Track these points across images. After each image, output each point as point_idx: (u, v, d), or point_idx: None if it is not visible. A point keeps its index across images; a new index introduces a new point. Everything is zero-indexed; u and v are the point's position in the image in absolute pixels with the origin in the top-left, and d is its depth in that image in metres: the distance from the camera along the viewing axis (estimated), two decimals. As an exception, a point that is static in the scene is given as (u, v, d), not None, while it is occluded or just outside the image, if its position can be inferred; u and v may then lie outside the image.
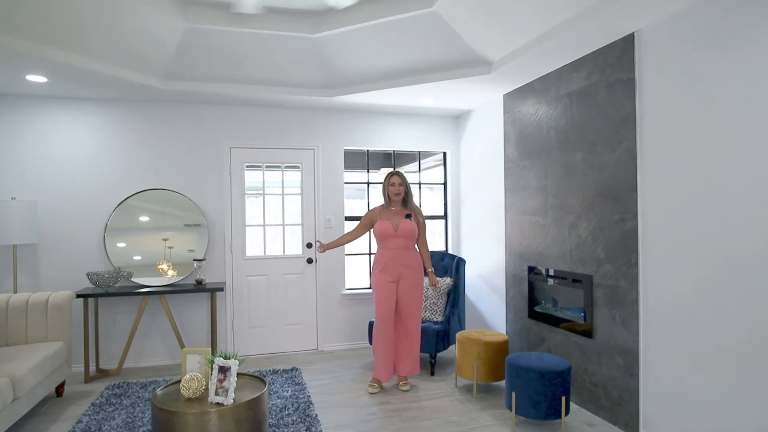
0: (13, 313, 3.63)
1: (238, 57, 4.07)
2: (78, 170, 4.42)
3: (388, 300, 3.81)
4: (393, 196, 3.89)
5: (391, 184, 3.90)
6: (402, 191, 3.90)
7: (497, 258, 4.65)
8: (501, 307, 4.59)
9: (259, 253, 4.93)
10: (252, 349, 4.87)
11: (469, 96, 4.59)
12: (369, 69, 4.24)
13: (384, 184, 3.95)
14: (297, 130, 5.01)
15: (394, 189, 3.89)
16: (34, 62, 3.51)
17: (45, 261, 4.34)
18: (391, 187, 3.90)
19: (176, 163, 4.67)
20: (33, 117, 4.33)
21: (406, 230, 3.84)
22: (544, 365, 3.10)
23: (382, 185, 3.98)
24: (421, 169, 5.56)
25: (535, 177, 4.03)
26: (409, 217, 3.88)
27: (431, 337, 4.20)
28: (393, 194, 3.89)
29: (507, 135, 4.43)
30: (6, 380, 2.86)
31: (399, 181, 3.90)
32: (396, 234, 3.83)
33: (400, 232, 3.83)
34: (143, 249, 4.51)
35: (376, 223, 3.90)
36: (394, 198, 3.90)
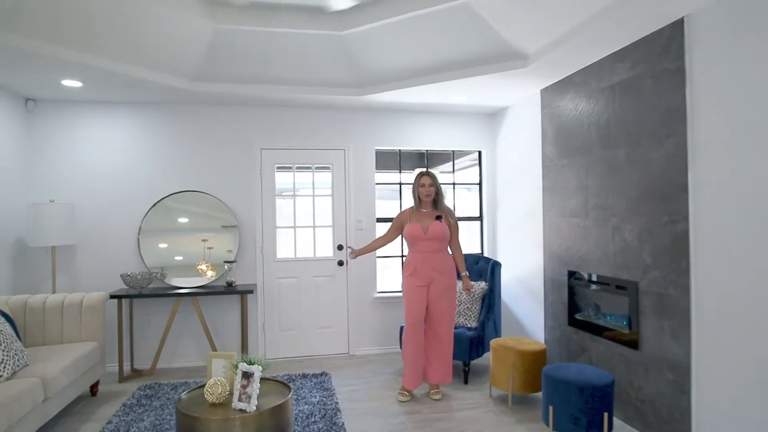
0: (50, 313, 3.70)
1: (266, 57, 4.03)
2: (112, 173, 4.50)
3: (418, 305, 3.67)
4: (423, 197, 3.75)
5: (421, 185, 3.76)
6: (432, 192, 3.75)
7: (535, 261, 4.42)
8: (539, 313, 4.36)
9: (289, 255, 4.89)
10: (283, 352, 4.83)
11: (504, 92, 4.39)
12: (398, 66, 4.11)
13: (414, 185, 3.82)
14: (327, 130, 4.94)
15: (424, 190, 3.75)
16: (69, 67, 3.58)
17: (82, 262, 4.43)
18: (421, 188, 3.76)
19: (208, 164, 4.68)
20: (69, 121, 4.43)
21: (436, 232, 3.69)
22: (584, 378, 2.88)
23: (412, 186, 3.85)
24: (455, 169, 5.38)
25: (574, 176, 3.79)
26: (439, 218, 3.73)
27: (464, 344, 4.02)
28: (423, 195, 3.75)
29: (545, 132, 4.21)
30: (37, 380, 2.90)
31: (429, 181, 3.75)
32: (426, 236, 3.69)
33: (430, 234, 3.69)
34: (183, 250, 4.55)
35: (406, 226, 3.77)
36: (425, 199, 3.76)
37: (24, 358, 3.08)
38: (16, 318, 3.63)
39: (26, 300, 3.70)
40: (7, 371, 2.88)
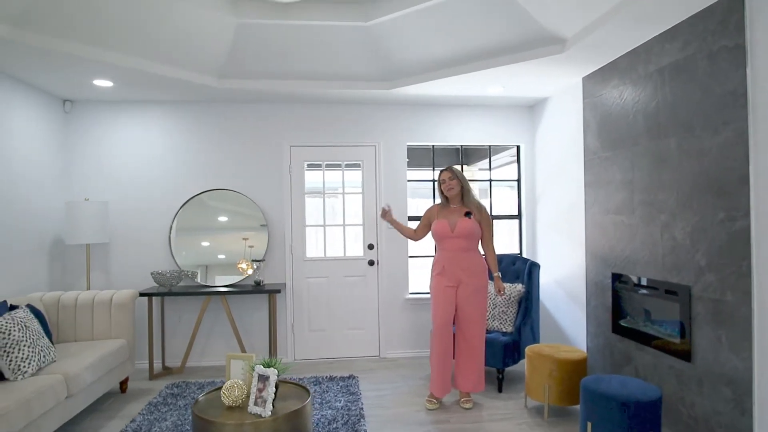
0: (81, 310, 3.76)
1: (291, 51, 3.94)
2: (144, 172, 4.55)
3: (445, 307, 3.47)
4: (447, 192, 3.58)
5: (441, 181, 3.61)
6: (455, 186, 3.56)
7: (577, 263, 4.11)
8: (581, 318, 4.05)
9: (319, 254, 4.79)
10: (312, 353, 4.74)
11: (542, 82, 4.11)
12: (427, 56, 3.92)
13: (437, 182, 3.69)
14: (357, 126, 4.81)
15: (445, 186, 3.59)
16: (99, 67, 3.61)
17: (116, 260, 4.50)
18: (441, 185, 3.61)
19: (237, 163, 4.65)
20: (104, 121, 4.51)
21: (464, 230, 3.48)
22: (627, 393, 2.60)
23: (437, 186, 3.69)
24: (495, 166, 5.12)
25: (619, 170, 3.48)
26: (468, 215, 3.51)
27: (498, 350, 3.78)
28: (446, 190, 3.58)
29: (587, 123, 3.90)
30: (60, 377, 2.91)
31: (449, 175, 3.58)
32: (453, 234, 3.48)
33: (458, 232, 3.47)
34: (217, 248, 4.54)
35: (433, 223, 3.59)
36: (449, 194, 3.58)
37: (50, 355, 3.12)
38: (50, 314, 3.71)
39: (59, 297, 3.77)
40: (32, 367, 2.91)
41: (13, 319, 2.95)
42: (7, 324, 2.89)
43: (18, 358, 2.85)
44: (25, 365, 2.87)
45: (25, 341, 2.93)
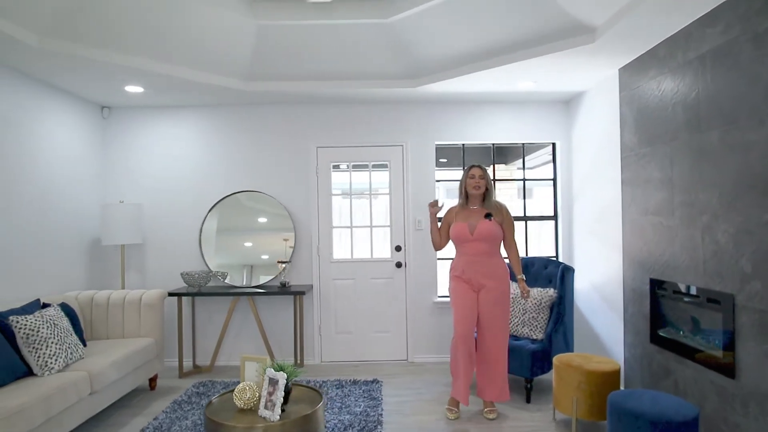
0: (113, 309, 3.88)
1: (313, 52, 3.91)
2: (176, 174, 4.66)
3: (468, 313, 3.31)
4: (472, 190, 3.40)
5: (471, 176, 3.42)
6: (483, 185, 3.40)
7: (613, 267, 3.85)
8: (618, 326, 3.78)
9: (346, 255, 4.75)
10: (339, 356, 4.70)
11: (576, 75, 3.87)
12: (450, 52, 3.78)
13: (462, 178, 3.50)
14: (384, 126, 4.72)
15: (473, 182, 3.40)
16: (129, 73, 3.72)
17: (150, 260, 4.64)
18: (470, 180, 3.42)
19: (264, 164, 4.69)
20: (138, 126, 4.66)
21: (484, 233, 3.32)
22: (658, 411, 2.37)
23: (460, 180, 3.52)
24: (531, 164, 4.90)
25: (657, 167, 3.21)
26: (489, 216, 3.35)
27: (526, 358, 3.59)
28: (472, 187, 3.40)
29: (623, 118, 3.64)
30: (84, 374, 3.01)
31: (480, 172, 3.41)
32: (473, 237, 3.33)
33: (478, 234, 3.32)
34: (243, 249, 4.60)
35: (452, 225, 3.44)
36: (473, 192, 3.40)
37: (78, 352, 3.22)
38: (84, 312, 3.85)
39: (93, 296, 3.91)
40: (59, 364, 3.02)
41: (42, 317, 3.07)
42: (37, 322, 3.01)
43: (45, 355, 2.97)
44: (52, 362, 2.98)
45: (53, 338, 3.05)
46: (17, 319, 2.94)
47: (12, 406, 2.46)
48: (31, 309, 3.16)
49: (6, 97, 3.49)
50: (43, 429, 2.64)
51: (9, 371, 2.79)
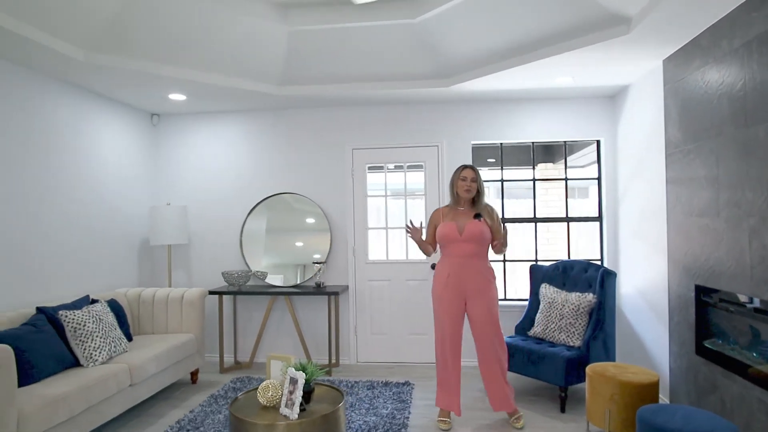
0: (157, 306, 4.11)
1: (343, 55, 3.95)
2: (218, 178, 4.87)
3: (451, 319, 3.20)
4: (463, 193, 3.26)
5: (462, 179, 3.27)
6: (474, 188, 3.26)
7: (658, 271, 3.61)
8: (664, 335, 3.54)
9: (381, 257, 4.76)
10: (374, 356, 4.71)
11: (616, 68, 3.66)
12: (481, 49, 3.69)
13: (453, 178, 3.35)
14: (418, 126, 4.69)
15: (464, 184, 3.25)
16: (171, 82, 3.92)
17: (195, 259, 4.87)
18: (461, 182, 3.27)
19: (301, 167, 4.79)
20: (182, 132, 4.91)
21: (473, 233, 3.17)
22: (690, 429, 2.20)
23: (450, 180, 3.38)
24: (575, 163, 4.70)
25: (702, 164, 2.97)
26: (478, 217, 3.21)
27: (560, 366, 3.44)
28: (463, 190, 3.25)
29: (668, 112, 3.40)
30: (125, 367, 3.20)
31: (472, 174, 3.27)
32: (461, 238, 3.18)
33: (467, 235, 3.17)
34: (284, 249, 4.74)
35: (440, 225, 3.29)
36: (464, 195, 3.26)
37: (122, 345, 3.44)
38: (132, 308, 4.10)
39: (140, 293, 4.16)
40: (103, 356, 3.23)
41: (89, 312, 3.30)
42: (83, 317, 3.24)
43: (90, 347, 3.19)
44: (96, 354, 3.20)
45: (98, 332, 3.27)
46: (66, 314, 3.17)
47: (56, 394, 2.66)
48: (80, 304, 3.41)
49: (61, 108, 3.79)
50: (84, 416, 2.84)
51: (58, 361, 3.03)
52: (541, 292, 4.02)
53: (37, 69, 3.52)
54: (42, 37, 3.05)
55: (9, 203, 3.33)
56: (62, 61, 3.38)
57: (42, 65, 3.45)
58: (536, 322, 3.96)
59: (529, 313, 4.13)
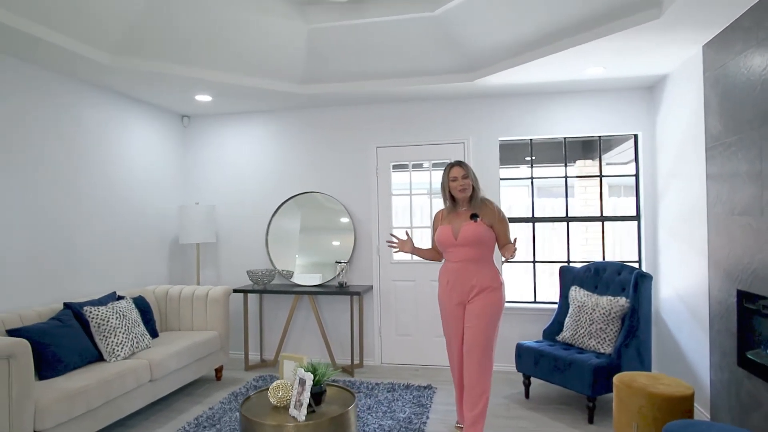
0: (183, 303, 4.19)
1: (363, 51, 3.89)
2: (244, 177, 4.92)
3: (454, 326, 3.03)
4: (458, 194, 2.95)
5: (452, 179, 2.94)
6: (468, 185, 2.93)
7: (698, 275, 3.34)
8: (704, 344, 3.27)
9: (406, 257, 4.66)
10: (398, 358, 4.63)
11: (651, 56, 3.42)
12: (504, 40, 3.54)
13: (443, 181, 3.02)
14: (444, 123, 4.57)
15: (457, 184, 2.93)
16: (196, 83, 3.99)
17: (223, 258, 4.95)
18: (452, 183, 2.94)
19: (326, 165, 4.77)
20: (211, 132, 4.99)
21: (469, 236, 2.86)
22: (721, 449, 1.99)
23: (441, 184, 3.05)
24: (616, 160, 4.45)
25: (744, 158, 2.72)
26: (475, 218, 2.88)
27: (587, 374, 3.24)
28: (458, 191, 2.94)
29: (708, 102, 3.13)
30: (145, 362, 3.27)
31: (462, 172, 2.93)
32: (457, 242, 2.90)
33: (462, 239, 2.88)
34: (315, 249, 4.75)
35: (438, 229, 3.04)
36: (460, 195, 2.95)
37: (145, 341, 3.52)
38: (160, 305, 4.21)
39: (167, 290, 4.25)
40: (125, 351, 3.32)
41: (113, 309, 3.40)
42: (107, 313, 3.33)
43: (113, 343, 3.28)
44: (119, 349, 3.28)
45: (121, 328, 3.36)
46: (90, 310, 3.27)
47: (74, 388, 2.74)
48: (106, 300, 3.51)
49: (92, 111, 3.92)
50: (103, 410, 2.91)
51: (82, 356, 3.12)
52: (571, 295, 3.81)
53: (68, 73, 3.66)
54: (69, 42, 3.16)
55: (45, 203, 3.47)
56: (90, 66, 3.49)
57: (72, 70, 3.58)
58: (565, 327, 3.76)
59: (558, 316, 3.94)
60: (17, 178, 3.30)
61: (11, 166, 3.26)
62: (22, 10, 2.82)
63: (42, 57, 3.31)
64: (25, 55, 3.27)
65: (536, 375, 3.59)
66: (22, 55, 3.25)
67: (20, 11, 2.82)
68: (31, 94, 3.42)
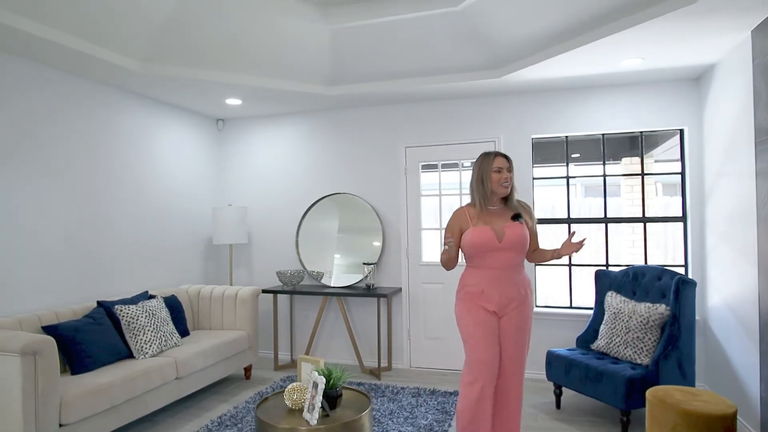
0: (214, 303, 4.29)
1: (387, 50, 3.83)
2: (275, 179, 4.98)
3: (491, 343, 2.53)
4: (499, 188, 2.55)
5: (496, 170, 2.54)
6: (511, 181, 2.59)
7: (747, 281, 3.06)
8: (754, 357, 2.99)
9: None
10: (428, 362, 4.54)
11: (695, 44, 3.16)
12: (531, 33, 3.38)
13: (480, 171, 2.59)
14: (473, 121, 4.43)
15: (501, 177, 2.54)
16: (225, 87, 4.07)
17: (256, 258, 5.03)
18: (495, 174, 2.54)
19: (355, 166, 4.75)
20: (243, 135, 5.09)
21: (516, 239, 2.54)
22: (757, 477, 1.79)
23: (476, 173, 2.61)
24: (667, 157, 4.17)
25: (796, 153, 2.45)
26: (517, 218, 2.59)
27: (619, 386, 3.03)
28: (500, 185, 2.54)
29: (757, 92, 2.86)
30: (171, 361, 3.36)
31: (507, 164, 2.57)
32: (501, 245, 2.53)
33: (508, 242, 2.53)
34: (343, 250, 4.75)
35: (468, 230, 2.57)
36: (501, 191, 2.56)
37: (173, 340, 3.61)
38: (192, 304, 4.32)
39: (200, 290, 4.36)
40: (153, 349, 3.42)
41: (142, 307, 3.51)
42: (137, 311, 3.45)
43: (142, 341, 3.38)
44: (147, 347, 3.39)
45: (150, 326, 3.46)
46: (121, 308, 3.40)
47: (100, 383, 2.84)
48: (137, 299, 3.64)
49: (130, 116, 4.08)
50: (127, 406, 3.00)
51: (113, 352, 3.24)
52: (607, 301, 3.59)
53: (103, 82, 3.82)
54: (98, 51, 3.29)
55: (85, 206, 3.64)
56: (120, 73, 3.63)
57: (106, 78, 3.73)
58: (600, 335, 3.55)
59: (593, 323, 3.72)
60: (59, 181, 3.47)
61: (53, 170, 3.44)
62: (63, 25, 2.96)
63: (76, 67, 3.46)
64: (60, 65, 3.43)
65: (567, 385, 3.40)
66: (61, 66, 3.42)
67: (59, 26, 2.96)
68: (71, 104, 3.59)
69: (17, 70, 3.24)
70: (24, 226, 3.25)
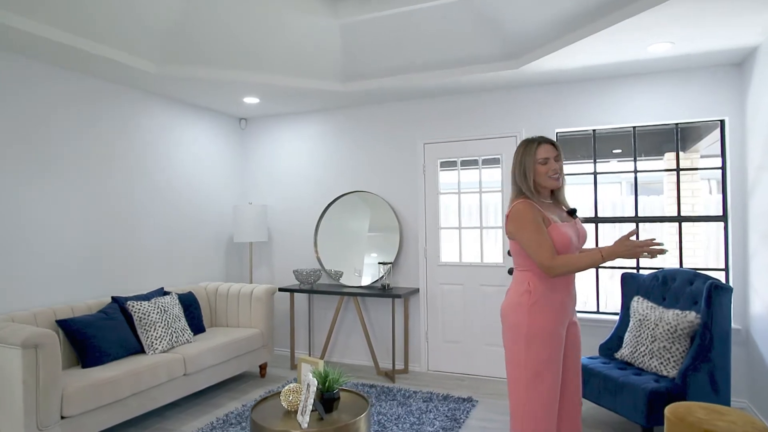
0: (231, 300, 4.32)
1: (400, 43, 3.72)
2: (294, 177, 4.97)
3: (558, 372, 2.13)
4: (548, 181, 2.15)
5: (541, 161, 2.14)
6: (560, 170, 2.19)
7: (790, 289, 2.73)
8: (797, 373, 2.67)
9: (454, 259, 4.40)
10: (445, 365, 4.39)
11: (733, 24, 2.86)
12: (547, 18, 3.17)
13: (524, 163, 2.16)
14: (493, 115, 4.24)
15: (548, 168, 2.14)
16: (242, 86, 4.09)
17: (275, 256, 5.04)
18: (541, 166, 2.14)
19: (372, 164, 4.66)
20: (264, 134, 5.11)
21: (585, 238, 2.29)
22: None
23: (519, 162, 2.19)
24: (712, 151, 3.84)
25: (840, 143, 2.14)
26: (574, 214, 2.28)
27: (640, 400, 2.78)
28: (549, 177, 2.15)
29: (800, 75, 2.54)
30: (179, 357, 3.39)
31: (555, 153, 2.16)
32: (578, 244, 2.21)
33: (583, 242, 2.26)
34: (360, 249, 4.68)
35: (552, 226, 2.11)
36: (551, 184, 2.16)
37: (184, 336, 3.66)
38: (210, 302, 4.37)
39: (217, 287, 4.41)
40: (163, 345, 3.47)
41: (155, 304, 3.57)
42: (148, 307, 3.51)
43: (153, 336, 3.44)
44: (157, 343, 3.44)
45: (161, 323, 3.51)
46: (133, 304, 3.47)
47: (103, 377, 2.90)
48: (151, 296, 3.70)
49: (152, 116, 4.17)
50: (132, 400, 3.05)
51: (124, 347, 3.31)
52: (633, 307, 3.32)
53: (125, 83, 3.92)
54: (116, 54, 3.38)
55: (105, 203, 3.75)
56: (138, 75, 3.71)
57: (124, 79, 3.83)
58: (624, 343, 3.29)
59: (617, 331, 3.46)
60: (80, 179, 3.59)
61: (74, 168, 3.55)
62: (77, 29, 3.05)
63: (97, 69, 3.56)
64: (85, 69, 3.54)
65: (585, 396, 3.17)
66: (80, 68, 3.53)
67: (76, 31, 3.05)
68: (95, 104, 3.71)
69: (38, 74, 3.36)
70: (45, 223, 3.38)
